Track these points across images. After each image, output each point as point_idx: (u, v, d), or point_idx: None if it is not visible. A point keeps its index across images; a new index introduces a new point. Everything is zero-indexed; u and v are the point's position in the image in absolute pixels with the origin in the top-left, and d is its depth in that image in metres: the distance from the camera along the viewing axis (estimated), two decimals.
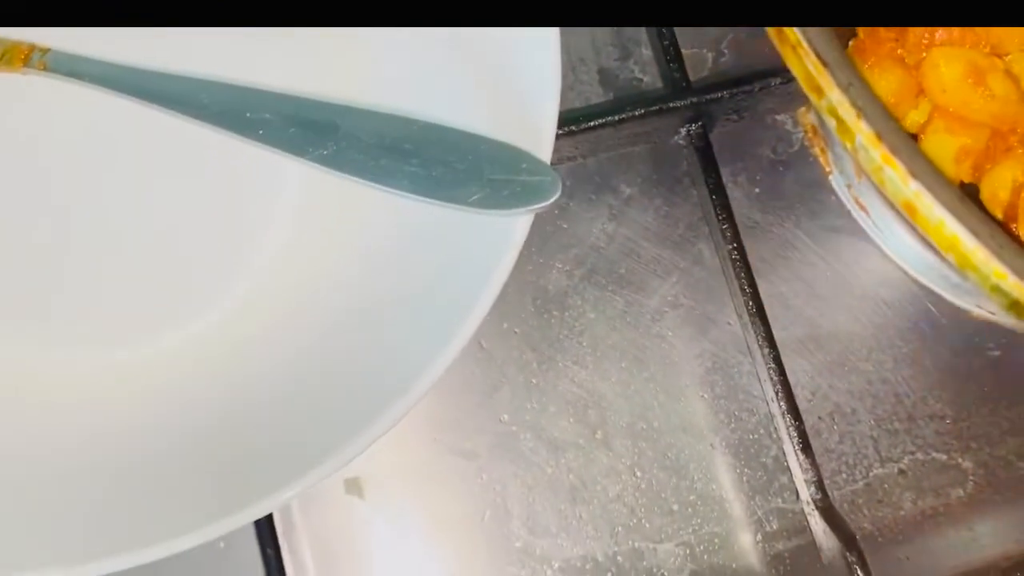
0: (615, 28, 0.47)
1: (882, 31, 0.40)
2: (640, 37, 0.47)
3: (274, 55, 0.38)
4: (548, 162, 0.35)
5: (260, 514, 0.34)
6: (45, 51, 0.37)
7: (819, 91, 0.29)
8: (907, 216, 0.29)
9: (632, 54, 0.47)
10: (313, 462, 0.34)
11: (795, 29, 0.29)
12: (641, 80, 0.47)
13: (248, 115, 0.35)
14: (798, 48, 0.29)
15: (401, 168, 0.35)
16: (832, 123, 0.29)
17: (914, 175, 0.29)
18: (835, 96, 0.29)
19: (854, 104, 0.29)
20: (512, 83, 0.36)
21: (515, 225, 0.35)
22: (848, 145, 0.29)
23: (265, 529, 0.40)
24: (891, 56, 0.39)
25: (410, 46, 0.37)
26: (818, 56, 0.29)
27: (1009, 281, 0.29)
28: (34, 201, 0.39)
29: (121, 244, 0.39)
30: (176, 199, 0.40)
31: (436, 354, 0.34)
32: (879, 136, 0.29)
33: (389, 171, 0.35)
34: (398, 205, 0.36)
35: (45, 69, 0.37)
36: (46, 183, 0.39)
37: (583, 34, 0.47)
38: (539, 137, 0.35)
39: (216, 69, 0.37)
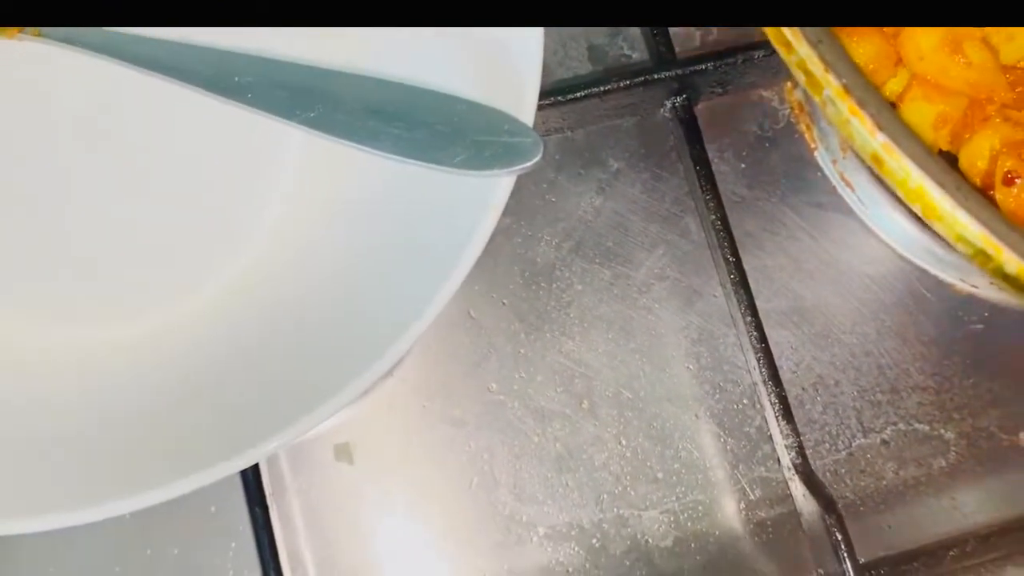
0: None
1: None
2: None
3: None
4: (531, 124, 0.36)
5: (245, 464, 0.34)
6: None
7: (788, 46, 0.30)
8: (875, 168, 0.30)
9: (621, 31, 0.48)
10: (298, 414, 0.34)
11: None
12: (630, 56, 0.48)
13: (236, 79, 0.36)
14: None
15: (385, 130, 0.36)
16: (801, 77, 0.30)
17: (880, 127, 0.29)
18: (804, 51, 0.30)
19: (822, 59, 0.30)
20: (495, 47, 0.36)
21: (497, 186, 0.35)
22: (816, 99, 0.30)
23: (254, 489, 0.40)
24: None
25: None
26: None
27: (972, 230, 0.29)
28: (33, 175, 0.40)
29: (122, 212, 0.40)
30: (173, 168, 0.41)
31: (417, 314, 0.35)
32: (846, 89, 0.29)
33: (374, 133, 0.36)
34: (382, 167, 0.36)
35: (39, 36, 0.37)
36: (45, 156, 0.40)
37: None
38: (521, 99, 0.36)
39: (204, 35, 0.37)
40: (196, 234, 0.40)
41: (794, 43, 0.30)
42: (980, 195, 0.29)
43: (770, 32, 0.30)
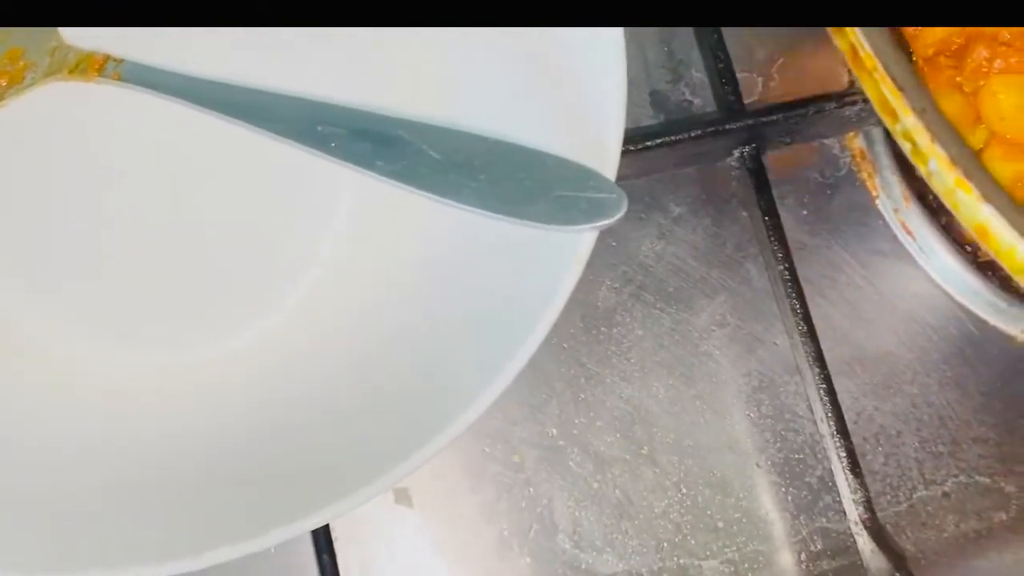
0: (667, 49, 0.48)
1: (941, 59, 0.40)
2: (691, 59, 0.48)
3: (346, 71, 0.39)
4: (613, 179, 0.35)
5: (317, 524, 0.34)
6: (119, 62, 0.38)
7: (894, 115, 0.30)
8: (978, 237, 0.30)
9: (683, 77, 0.48)
10: (368, 477, 0.34)
11: (872, 55, 0.30)
12: (691, 102, 0.48)
13: (320, 129, 0.36)
14: (874, 73, 0.30)
15: (469, 183, 0.35)
16: (907, 147, 0.30)
17: (987, 199, 0.29)
18: (910, 121, 0.30)
19: (928, 129, 0.30)
20: (579, 104, 0.36)
21: (581, 240, 0.35)
22: (921, 168, 0.30)
23: (322, 537, 0.40)
24: (950, 83, 0.40)
25: (481, 67, 0.38)
26: (894, 82, 0.30)
27: None
28: (105, 208, 0.40)
29: (186, 251, 0.40)
30: (238, 209, 0.40)
31: (499, 369, 0.34)
32: (953, 161, 0.29)
33: (457, 186, 0.35)
34: (461, 220, 0.36)
35: (120, 79, 0.37)
36: (117, 191, 0.40)
37: (635, 57, 0.48)
38: (605, 155, 0.35)
39: (288, 83, 0.37)
40: (262, 278, 0.40)
41: (900, 112, 0.30)
42: None
43: (876, 101, 0.30)
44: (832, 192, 0.48)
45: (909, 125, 0.30)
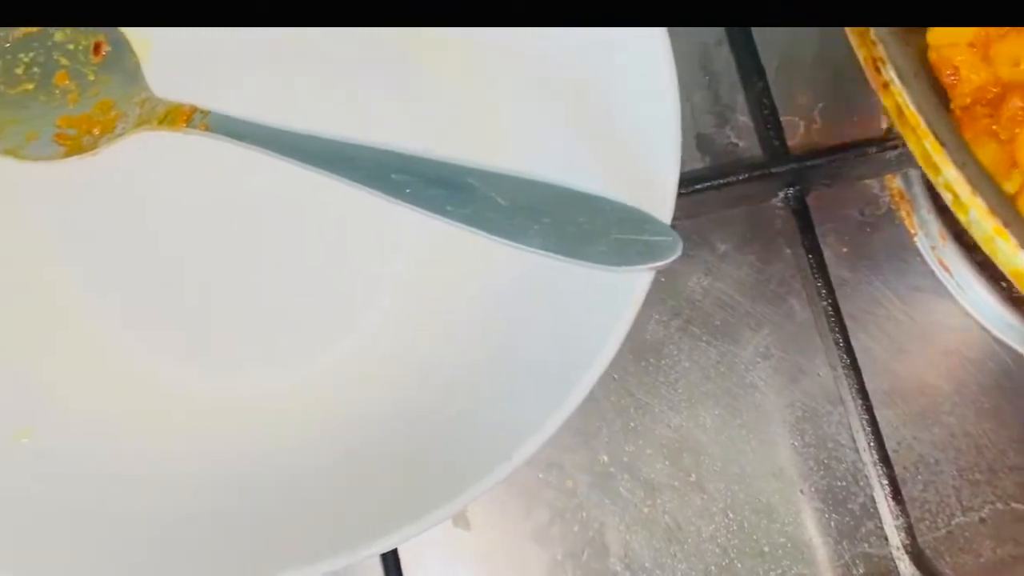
0: (713, 95, 0.51)
1: (978, 108, 0.42)
2: (736, 104, 0.50)
3: (418, 124, 0.42)
4: (668, 223, 0.38)
5: (388, 547, 0.36)
6: (206, 113, 0.40)
7: (936, 168, 0.32)
8: (1015, 283, 0.32)
9: (729, 121, 0.50)
10: (435, 504, 0.36)
11: (915, 113, 0.32)
12: (737, 145, 0.50)
13: (394, 177, 0.38)
14: (918, 130, 0.32)
15: (533, 226, 0.38)
16: (949, 197, 0.32)
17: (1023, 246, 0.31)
18: (951, 174, 0.32)
19: (969, 181, 0.32)
20: (637, 151, 0.38)
21: (637, 281, 0.37)
22: (962, 217, 0.32)
23: (391, 561, 0.42)
24: (986, 131, 0.41)
25: (544, 117, 0.40)
26: (936, 138, 0.32)
27: None
28: (191, 245, 0.43)
29: (262, 283, 0.43)
30: (312, 248, 0.43)
31: (557, 405, 0.36)
32: (992, 211, 0.32)
33: (522, 229, 0.38)
34: (523, 262, 0.38)
35: (207, 130, 0.40)
36: (200, 229, 0.43)
37: (682, 102, 0.50)
38: (662, 201, 0.38)
39: (365, 135, 0.40)
40: (326, 309, 0.42)
41: (941, 166, 0.32)
42: None
43: (919, 155, 0.32)
44: (872, 230, 0.50)
45: (951, 178, 0.32)
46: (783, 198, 0.48)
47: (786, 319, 0.49)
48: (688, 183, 0.46)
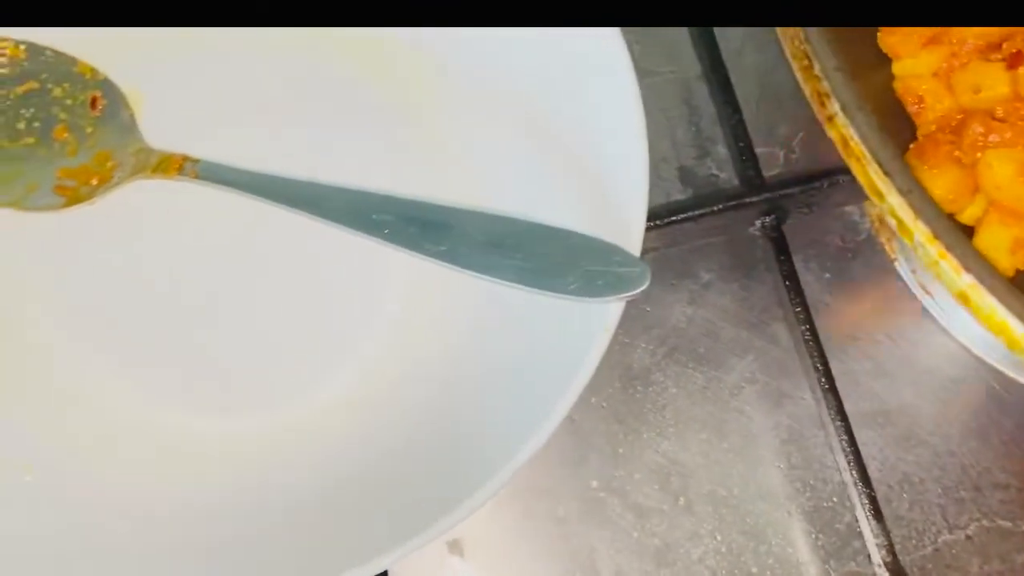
0: (694, 129, 0.52)
1: (940, 135, 0.44)
2: (716, 136, 0.52)
3: (397, 166, 0.44)
4: (638, 255, 0.39)
5: (377, 570, 0.37)
6: (196, 161, 0.42)
7: (881, 196, 0.34)
8: (960, 303, 0.33)
9: (710, 153, 0.52)
10: (422, 526, 0.37)
11: (860, 144, 0.33)
12: (718, 176, 0.52)
13: (374, 217, 0.40)
14: (862, 160, 0.34)
15: (506, 262, 0.39)
16: (893, 223, 0.33)
17: (967, 268, 0.33)
18: (895, 200, 0.33)
19: (912, 207, 0.33)
20: (606, 185, 0.40)
21: (608, 311, 0.39)
22: (908, 241, 0.33)
23: None
24: (949, 157, 0.43)
25: (515, 156, 0.42)
26: (880, 166, 0.33)
27: None
28: (187, 287, 0.45)
29: (255, 324, 0.45)
30: (303, 287, 0.45)
31: (538, 425, 0.38)
32: (935, 235, 0.33)
33: (496, 264, 0.39)
34: (502, 295, 0.40)
35: (197, 177, 0.42)
36: (193, 270, 0.45)
37: (664, 136, 0.52)
38: (629, 233, 0.39)
39: (348, 178, 0.42)
40: (317, 348, 0.44)
41: (886, 194, 0.33)
42: None
43: (865, 184, 0.34)
44: (853, 256, 0.51)
45: (895, 204, 0.33)
46: (760, 227, 0.49)
47: (770, 344, 0.50)
48: (670, 213, 0.48)
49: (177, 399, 0.44)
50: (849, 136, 0.34)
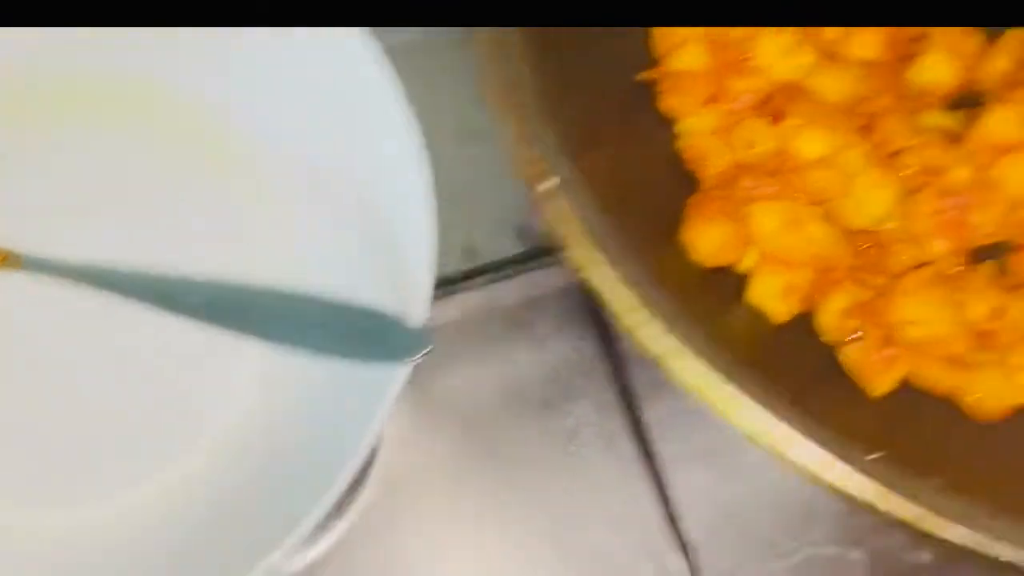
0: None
1: (714, 191, 0.46)
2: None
3: (202, 251, 0.48)
4: (421, 324, 0.42)
5: None
6: (19, 256, 0.46)
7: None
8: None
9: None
10: None
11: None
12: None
13: (186, 299, 0.44)
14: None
15: (304, 334, 0.43)
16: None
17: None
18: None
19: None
20: (397, 253, 0.44)
21: (395, 374, 0.42)
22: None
23: None
24: (721, 211, 0.46)
25: (316, 229, 0.48)
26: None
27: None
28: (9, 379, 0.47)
29: (85, 413, 0.47)
30: (132, 375, 0.48)
31: (332, 483, 0.40)
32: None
33: (296, 337, 0.43)
34: (305, 365, 0.44)
35: (20, 267, 0.46)
36: (20, 362, 0.48)
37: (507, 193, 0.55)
38: (415, 303, 0.42)
39: (158, 263, 0.46)
40: (150, 429, 0.48)
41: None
42: None
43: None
44: None
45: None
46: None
47: (603, 390, 0.53)
48: (499, 268, 0.52)
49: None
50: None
